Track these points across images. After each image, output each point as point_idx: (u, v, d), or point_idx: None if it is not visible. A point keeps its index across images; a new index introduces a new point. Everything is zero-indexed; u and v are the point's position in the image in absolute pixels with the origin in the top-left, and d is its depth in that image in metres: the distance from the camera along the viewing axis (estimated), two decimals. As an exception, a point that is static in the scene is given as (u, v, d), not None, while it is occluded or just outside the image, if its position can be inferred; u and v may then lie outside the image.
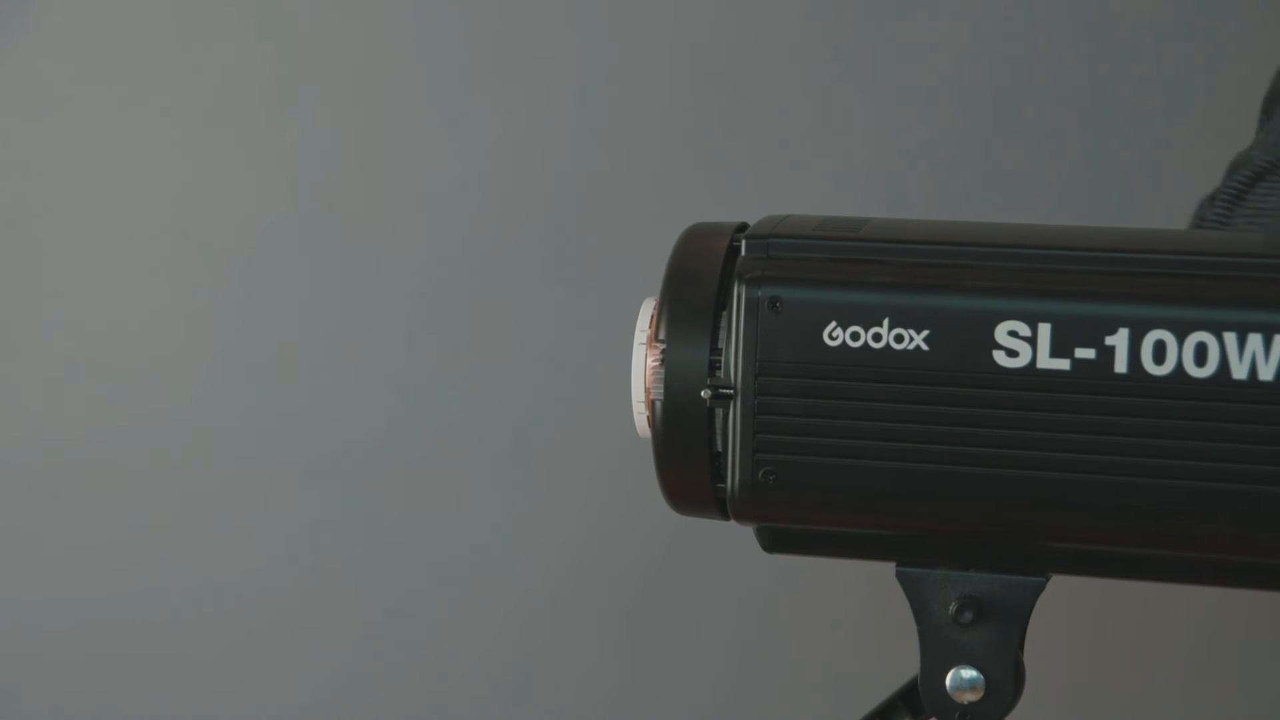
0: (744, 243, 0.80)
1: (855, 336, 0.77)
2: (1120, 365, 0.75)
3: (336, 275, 1.48)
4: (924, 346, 0.76)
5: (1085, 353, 0.75)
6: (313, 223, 1.48)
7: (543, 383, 1.45)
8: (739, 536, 1.03)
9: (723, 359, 0.78)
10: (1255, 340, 0.73)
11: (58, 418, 1.50)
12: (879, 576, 0.95)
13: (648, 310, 0.81)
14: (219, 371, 1.49)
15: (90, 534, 1.50)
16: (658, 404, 0.79)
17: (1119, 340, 0.75)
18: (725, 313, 0.79)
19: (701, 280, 0.79)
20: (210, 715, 1.54)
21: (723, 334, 0.79)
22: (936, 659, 0.81)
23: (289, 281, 1.48)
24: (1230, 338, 0.74)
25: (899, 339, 0.76)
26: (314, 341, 1.49)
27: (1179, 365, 0.74)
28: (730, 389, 0.78)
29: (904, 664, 0.88)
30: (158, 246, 1.47)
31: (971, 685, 0.80)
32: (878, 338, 0.77)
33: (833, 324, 0.77)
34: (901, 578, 0.82)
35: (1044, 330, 0.75)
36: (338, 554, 1.52)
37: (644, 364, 0.80)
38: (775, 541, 0.84)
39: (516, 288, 1.45)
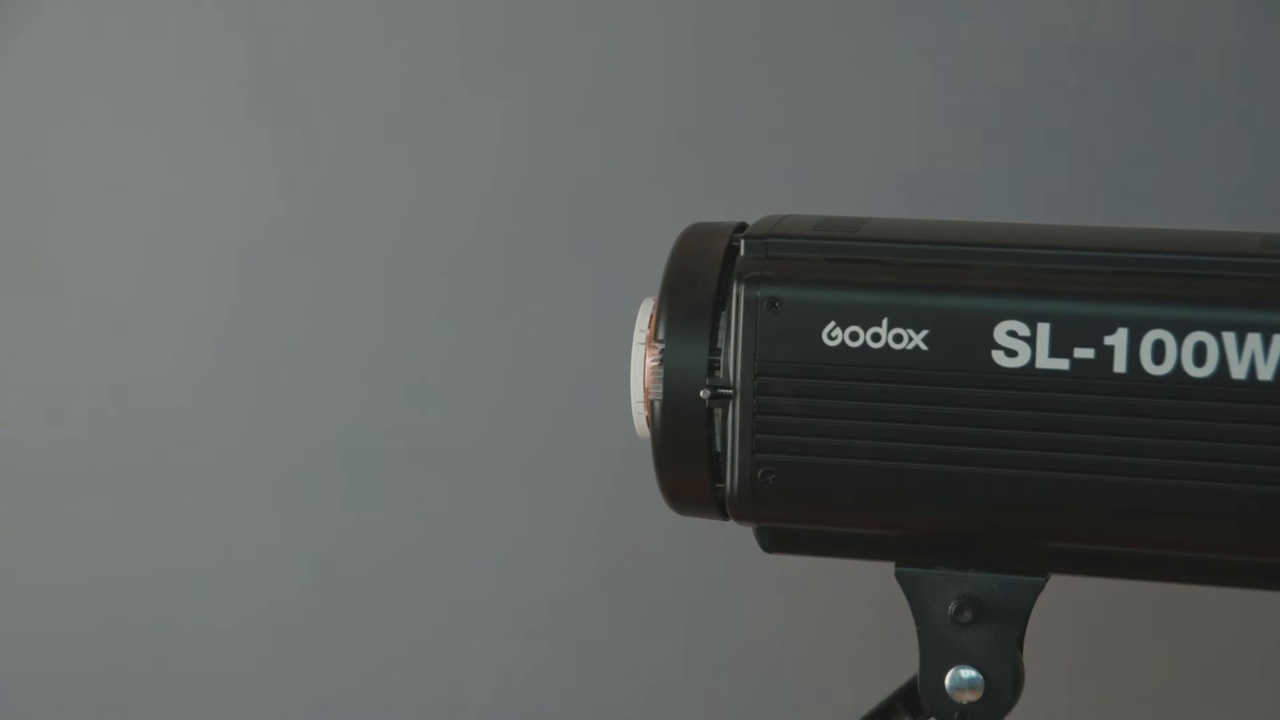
0: (743, 243, 0.79)
1: (854, 336, 0.77)
2: (1119, 365, 0.75)
3: (335, 275, 1.48)
4: (923, 346, 0.76)
5: (1084, 352, 0.75)
6: (310, 223, 1.48)
7: (541, 383, 1.45)
8: (738, 536, 1.03)
9: (722, 359, 0.78)
10: (1254, 340, 0.73)
11: (57, 417, 1.50)
12: (878, 576, 0.95)
13: (647, 310, 0.81)
14: (220, 372, 1.49)
15: (90, 534, 1.50)
16: (657, 404, 0.79)
17: (1118, 340, 0.75)
18: (724, 313, 0.79)
19: (700, 280, 0.79)
20: (211, 715, 1.54)
21: (722, 334, 0.79)
22: (936, 659, 0.81)
23: (287, 282, 1.48)
24: (1229, 337, 0.74)
25: (898, 339, 0.76)
26: (312, 342, 1.49)
27: (1178, 365, 0.74)
28: (729, 389, 0.78)
29: (903, 664, 0.88)
30: (158, 246, 1.47)
31: (971, 685, 0.80)
32: (877, 338, 0.77)
33: (832, 324, 0.77)
34: (901, 578, 0.82)
35: (1043, 330, 0.75)
36: (339, 555, 1.52)
37: (643, 364, 0.80)
38: (775, 541, 0.84)
39: (514, 287, 1.45)
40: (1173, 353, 0.74)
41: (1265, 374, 0.73)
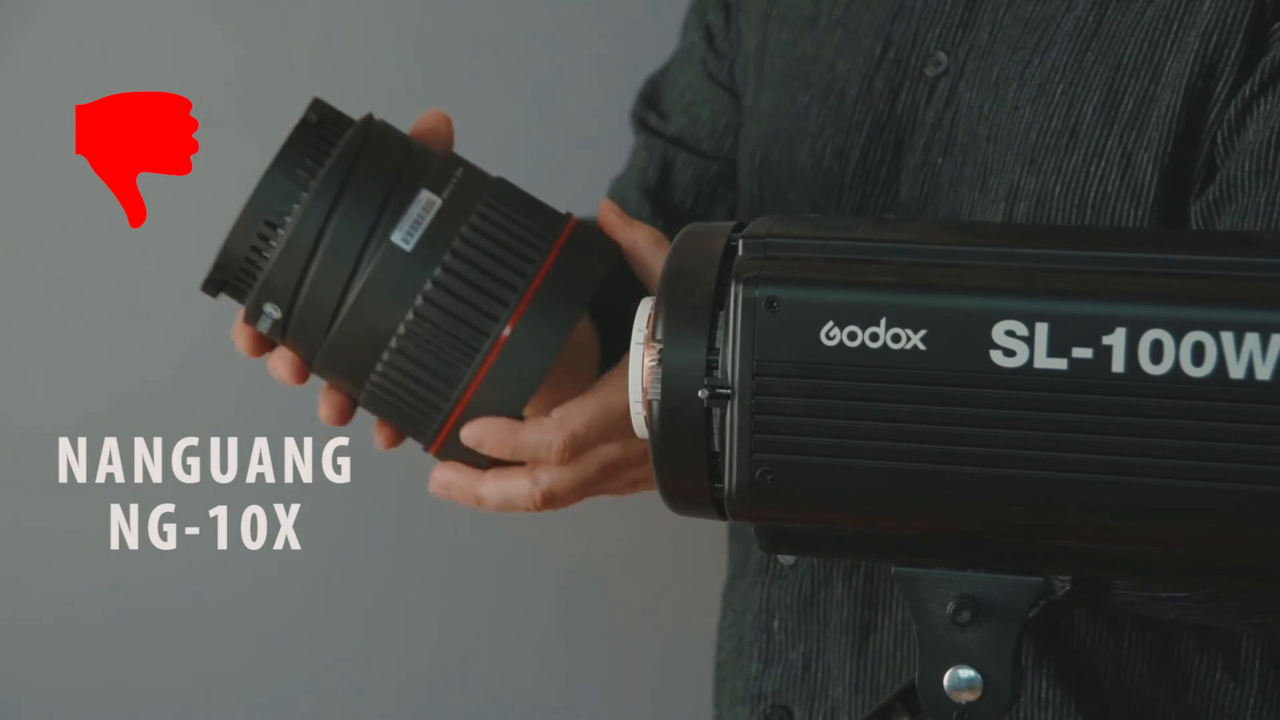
0: (741, 242, 0.79)
1: (852, 336, 0.77)
2: (1117, 365, 0.75)
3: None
4: (921, 346, 0.76)
5: (1082, 352, 0.75)
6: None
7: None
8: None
9: (720, 359, 0.78)
10: (1252, 340, 0.73)
11: (53, 413, 1.50)
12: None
13: (645, 310, 0.81)
14: (217, 371, 1.49)
15: (88, 533, 1.50)
16: (655, 404, 0.79)
17: (1116, 340, 0.75)
18: (722, 312, 0.79)
19: (699, 280, 0.79)
20: (204, 713, 1.54)
21: (720, 334, 0.78)
22: (934, 659, 0.81)
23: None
24: (1227, 337, 0.73)
25: (896, 339, 0.76)
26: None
27: (1176, 365, 0.74)
28: (727, 389, 0.78)
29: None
30: (154, 246, 1.48)
31: (969, 685, 0.80)
32: (875, 337, 0.77)
33: (830, 324, 0.77)
34: (899, 577, 0.81)
35: (1041, 330, 0.75)
36: (337, 555, 1.52)
37: (641, 364, 0.80)
38: (773, 541, 0.84)
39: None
40: (1171, 352, 0.74)
41: (1263, 374, 0.73)
